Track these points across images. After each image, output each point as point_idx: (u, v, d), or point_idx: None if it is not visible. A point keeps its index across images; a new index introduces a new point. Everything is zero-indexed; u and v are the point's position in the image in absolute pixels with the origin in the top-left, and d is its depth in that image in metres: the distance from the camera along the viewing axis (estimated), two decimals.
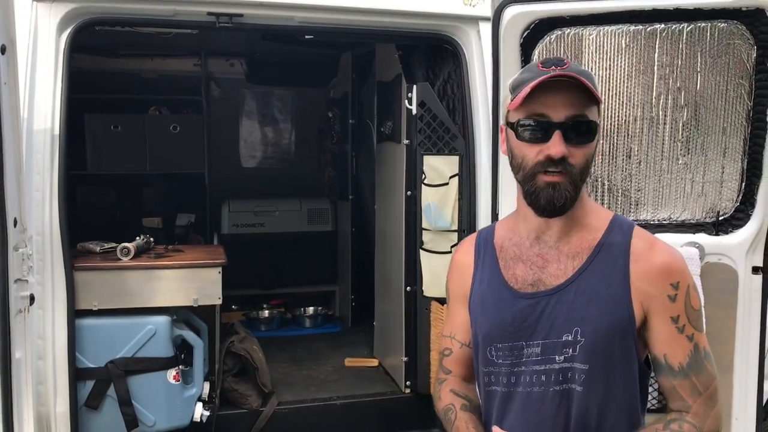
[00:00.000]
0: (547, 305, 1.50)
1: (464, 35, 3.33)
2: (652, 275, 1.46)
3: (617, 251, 1.48)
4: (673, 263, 1.47)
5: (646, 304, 1.46)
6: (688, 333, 1.45)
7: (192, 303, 3.18)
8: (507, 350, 1.53)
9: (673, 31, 2.66)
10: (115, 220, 5.15)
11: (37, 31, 2.90)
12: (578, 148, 1.42)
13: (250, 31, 3.30)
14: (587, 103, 1.43)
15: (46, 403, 2.88)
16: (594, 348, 1.46)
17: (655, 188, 2.87)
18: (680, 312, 1.45)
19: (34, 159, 2.85)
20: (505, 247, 1.59)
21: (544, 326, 1.49)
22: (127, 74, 5.29)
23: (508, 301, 1.54)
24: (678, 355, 1.45)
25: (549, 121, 1.42)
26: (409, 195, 3.63)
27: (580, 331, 1.46)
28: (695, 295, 1.48)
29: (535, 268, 1.54)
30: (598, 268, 1.48)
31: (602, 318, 1.46)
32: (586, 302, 1.47)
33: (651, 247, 1.49)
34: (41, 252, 2.85)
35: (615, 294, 1.46)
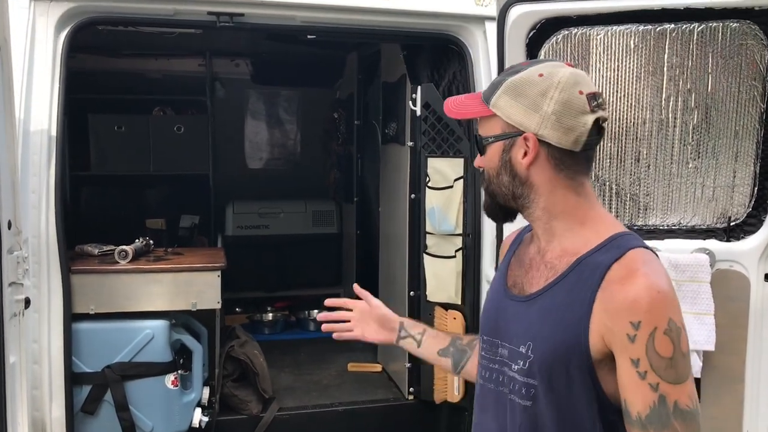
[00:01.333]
0: (517, 312, 1.46)
1: (470, 35, 3.27)
2: (613, 309, 1.30)
3: (592, 273, 1.35)
4: (639, 300, 1.27)
5: (608, 338, 1.32)
6: (652, 381, 1.28)
7: (190, 307, 3.13)
8: (489, 344, 1.53)
9: (684, 31, 2.59)
10: (119, 221, 5.10)
11: (35, 31, 2.86)
12: (482, 160, 1.50)
13: (251, 31, 3.25)
14: (481, 119, 1.47)
15: (42, 408, 2.84)
16: (540, 367, 1.38)
17: (665, 193, 2.80)
18: (640, 355, 1.28)
19: (31, 160, 2.80)
20: (523, 243, 1.58)
21: (512, 331, 1.46)
22: (131, 74, 5.25)
23: (499, 296, 1.54)
24: (637, 403, 1.29)
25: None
26: (413, 198, 3.57)
27: (532, 346, 1.40)
28: (664, 341, 1.27)
29: (522, 271, 1.51)
30: (568, 286, 1.39)
31: (553, 339, 1.37)
32: (543, 319, 1.40)
33: (627, 277, 1.31)
34: (37, 254, 2.81)
35: (574, 318, 1.35)
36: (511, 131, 1.41)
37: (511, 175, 1.43)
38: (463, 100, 1.52)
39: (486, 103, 1.43)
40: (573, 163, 1.40)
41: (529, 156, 1.40)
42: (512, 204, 1.47)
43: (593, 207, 1.47)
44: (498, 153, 1.43)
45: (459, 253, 3.34)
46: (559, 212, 1.43)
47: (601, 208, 1.49)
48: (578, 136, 1.37)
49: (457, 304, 3.36)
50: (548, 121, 1.37)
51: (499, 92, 1.41)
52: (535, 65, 1.42)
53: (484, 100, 1.44)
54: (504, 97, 1.41)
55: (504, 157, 1.43)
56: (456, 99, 1.53)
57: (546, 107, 1.37)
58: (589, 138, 1.38)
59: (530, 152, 1.39)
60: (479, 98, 1.46)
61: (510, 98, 1.40)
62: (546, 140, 1.38)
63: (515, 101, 1.40)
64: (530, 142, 1.39)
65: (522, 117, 1.39)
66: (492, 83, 1.46)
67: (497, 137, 1.43)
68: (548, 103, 1.37)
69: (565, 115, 1.36)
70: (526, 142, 1.39)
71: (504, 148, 1.42)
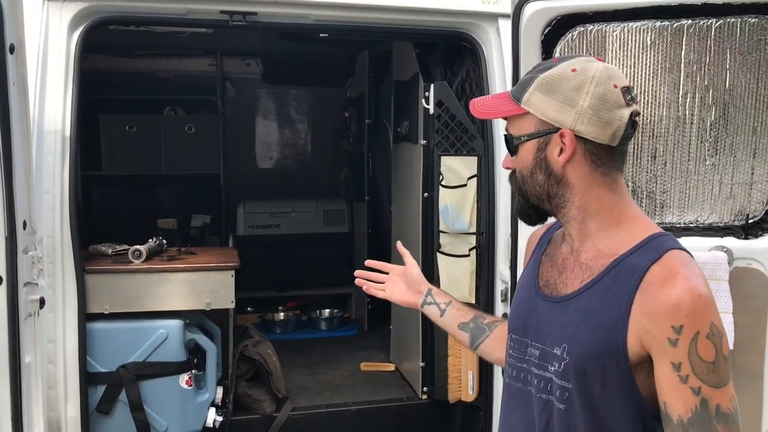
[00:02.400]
0: (551, 312, 1.44)
1: (483, 32, 3.25)
2: (653, 312, 1.28)
3: (630, 275, 1.33)
4: (681, 303, 1.25)
5: (647, 341, 1.30)
6: (694, 385, 1.26)
7: (204, 307, 3.13)
8: (517, 343, 1.52)
9: (701, 27, 2.56)
10: (130, 221, 5.09)
11: (48, 31, 2.86)
12: (513, 160, 1.47)
13: (264, 30, 3.23)
14: (511, 118, 1.45)
15: (57, 408, 2.84)
16: (576, 370, 1.36)
17: (682, 190, 2.77)
18: (683, 359, 1.26)
19: (45, 161, 2.80)
20: (553, 241, 1.56)
21: (545, 332, 1.45)
22: (142, 74, 5.27)
23: (530, 295, 1.52)
24: (678, 407, 1.27)
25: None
26: (426, 197, 3.55)
27: (567, 348, 1.38)
28: (707, 345, 1.25)
29: (555, 271, 1.49)
30: (605, 287, 1.37)
31: (589, 342, 1.35)
32: (580, 321, 1.38)
33: (667, 279, 1.28)
34: (52, 255, 2.81)
35: (611, 321, 1.33)
36: (546, 128, 1.38)
37: (546, 174, 1.40)
38: (489, 100, 1.50)
39: (516, 101, 1.40)
40: (609, 159, 1.39)
41: (566, 153, 1.37)
42: (546, 205, 1.44)
43: (628, 206, 1.44)
44: (532, 152, 1.40)
45: (473, 251, 3.33)
46: (595, 211, 1.41)
47: (636, 208, 1.47)
48: (615, 131, 1.36)
49: (471, 303, 3.34)
50: (585, 116, 1.35)
51: (531, 89, 1.38)
52: (567, 61, 1.40)
53: (514, 99, 1.41)
54: (537, 94, 1.38)
55: (539, 155, 1.39)
56: (482, 99, 1.50)
57: (582, 102, 1.34)
58: (625, 132, 1.37)
59: (567, 149, 1.37)
60: (507, 97, 1.43)
61: (543, 95, 1.37)
62: (583, 136, 1.36)
63: (549, 97, 1.37)
64: (567, 139, 1.36)
65: (557, 113, 1.36)
66: (521, 81, 1.43)
67: (531, 135, 1.40)
68: (584, 97, 1.34)
69: (601, 109, 1.35)
70: (562, 138, 1.37)
71: (539, 146, 1.39)
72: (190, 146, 5.27)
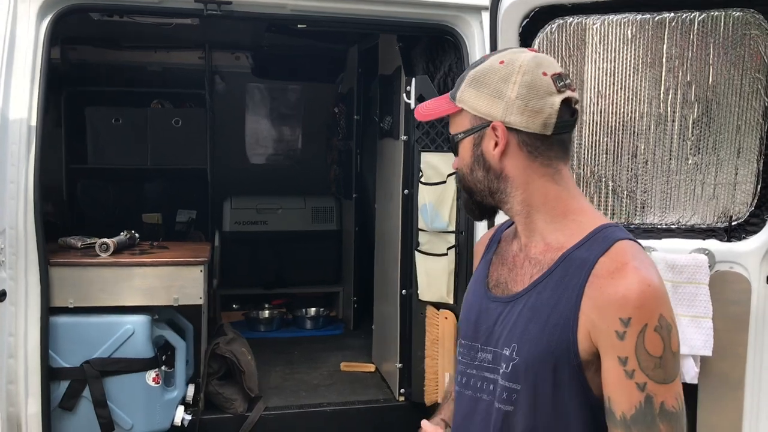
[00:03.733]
0: (502, 312, 1.38)
1: (466, 26, 3.17)
2: (601, 304, 1.23)
3: (579, 268, 1.28)
4: (629, 295, 1.20)
5: (595, 336, 1.24)
6: (639, 380, 1.21)
7: (172, 302, 3.06)
8: (467, 349, 1.45)
9: (684, 21, 2.47)
10: (115, 215, 5.05)
11: (16, 18, 2.79)
12: (456, 160, 1.45)
13: (239, 20, 3.15)
14: (452, 118, 1.42)
15: (17, 404, 2.77)
16: (525, 370, 1.30)
17: (663, 190, 2.67)
18: (629, 354, 1.21)
19: (9, 150, 2.73)
20: (503, 240, 1.50)
21: (496, 334, 1.38)
22: (130, 67, 5.19)
23: (479, 298, 1.46)
24: (622, 403, 1.22)
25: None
26: (406, 194, 3.47)
27: (517, 348, 1.31)
28: (655, 339, 1.21)
29: (505, 269, 1.44)
30: (554, 283, 1.31)
31: (539, 340, 1.29)
32: (529, 319, 1.31)
33: (615, 270, 1.24)
34: (14, 246, 2.74)
35: (561, 317, 1.27)
36: (479, 123, 1.36)
37: (485, 169, 1.37)
38: (431, 102, 1.47)
39: (453, 100, 1.40)
40: (546, 149, 1.34)
41: (500, 146, 1.34)
42: (490, 200, 1.41)
43: (574, 197, 1.39)
44: (469, 148, 1.38)
45: (451, 251, 3.24)
46: (540, 204, 1.36)
47: (583, 199, 1.41)
48: (546, 119, 1.31)
49: (449, 304, 3.26)
50: (513, 106, 1.32)
51: (463, 86, 1.38)
52: (497, 54, 1.38)
53: (451, 98, 1.41)
54: (468, 90, 1.37)
55: (475, 151, 1.38)
56: (426, 103, 1.48)
57: (509, 92, 1.32)
58: (559, 120, 1.31)
59: (500, 141, 1.33)
60: (447, 98, 1.42)
61: (473, 89, 1.36)
62: (514, 127, 1.32)
63: (478, 91, 1.35)
64: (499, 131, 1.33)
65: (487, 106, 1.34)
66: (458, 80, 1.42)
67: (467, 132, 1.38)
68: (511, 87, 1.32)
69: (530, 98, 1.31)
70: (494, 131, 1.34)
71: (474, 142, 1.37)
72: (177, 140, 5.19)
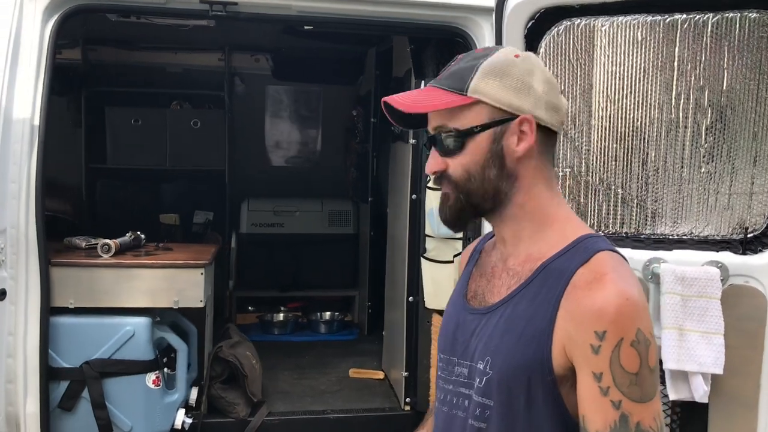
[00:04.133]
0: (479, 325, 1.30)
1: (477, 27, 3.09)
2: (576, 316, 1.16)
3: (557, 280, 1.21)
4: (606, 307, 1.14)
5: (570, 350, 1.18)
6: (614, 398, 1.14)
7: (173, 305, 3.03)
8: (445, 363, 1.37)
9: (696, 23, 2.36)
10: (133, 215, 5.07)
11: (22, 18, 2.79)
12: (452, 158, 1.28)
13: (246, 21, 3.12)
14: (451, 112, 1.27)
15: (15, 403, 2.77)
16: (499, 385, 1.23)
17: (675, 199, 2.56)
18: (603, 369, 1.14)
19: (12, 149, 2.73)
20: (484, 251, 1.43)
21: (472, 347, 1.30)
22: (150, 68, 5.23)
23: (457, 310, 1.38)
24: (596, 422, 1.15)
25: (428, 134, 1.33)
26: (414, 198, 3.40)
27: (491, 362, 1.24)
28: (631, 354, 1.14)
29: (484, 281, 1.36)
30: (531, 294, 1.23)
31: (513, 353, 1.21)
32: (504, 331, 1.24)
33: (593, 281, 1.17)
34: (15, 245, 2.74)
35: (536, 329, 1.20)
36: (501, 116, 1.24)
37: (499, 168, 1.26)
38: (416, 94, 1.31)
39: (457, 91, 1.25)
40: (552, 149, 1.31)
41: (527, 141, 1.25)
42: (487, 204, 1.28)
43: (561, 205, 1.33)
44: (486, 144, 1.25)
45: (458, 258, 3.16)
46: (533, 210, 1.29)
47: (567, 207, 1.34)
48: (562, 117, 1.30)
49: None
50: (541, 100, 1.26)
51: (478, 76, 1.24)
52: (498, 49, 1.29)
53: (451, 89, 1.26)
54: (487, 80, 1.24)
55: (494, 147, 1.25)
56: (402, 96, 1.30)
57: (537, 86, 1.25)
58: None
59: (529, 137, 1.24)
60: (438, 90, 1.27)
61: (495, 80, 1.24)
62: (541, 122, 1.26)
63: (500, 83, 1.24)
64: (528, 126, 1.24)
65: (515, 98, 1.24)
66: (452, 73, 1.28)
67: (485, 126, 1.25)
68: (537, 82, 1.25)
69: (551, 94, 1.27)
70: (521, 126, 1.24)
71: (494, 136, 1.25)
72: (195, 141, 5.22)
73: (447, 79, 1.28)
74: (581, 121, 2.58)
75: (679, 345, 2.44)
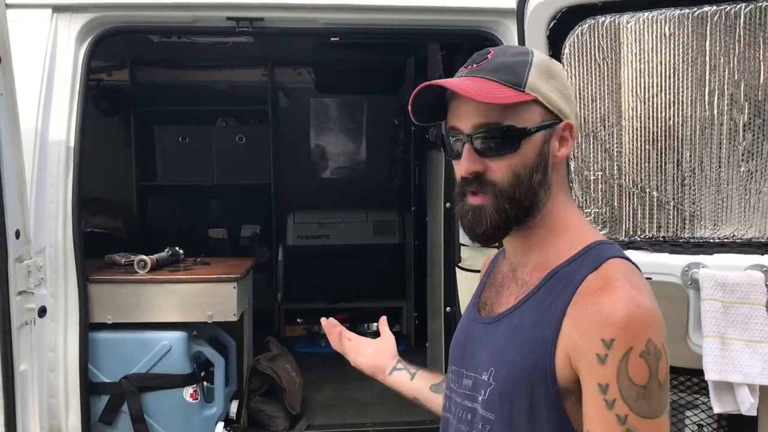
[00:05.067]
0: (485, 335, 1.26)
1: (506, 30, 3.02)
2: (583, 323, 1.11)
3: (565, 286, 1.16)
4: (614, 314, 1.07)
5: (575, 359, 1.11)
6: (620, 412, 1.07)
7: (207, 319, 3.07)
8: (455, 375, 1.33)
9: (728, 14, 2.23)
10: (183, 230, 5.19)
11: (56, 42, 2.89)
12: (498, 160, 1.18)
13: (272, 36, 3.15)
14: (507, 106, 1.16)
15: (58, 417, 2.85)
16: (500, 396, 1.17)
17: (714, 201, 2.43)
18: (610, 380, 1.08)
19: (48, 171, 2.82)
20: (498, 262, 1.39)
21: (477, 358, 1.26)
22: (196, 86, 5.36)
23: (469, 321, 1.34)
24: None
25: (458, 133, 1.20)
26: (448, 207, 3.35)
27: (494, 372, 1.19)
28: (640, 365, 1.07)
29: (493, 291, 1.32)
30: (538, 302, 1.18)
31: (516, 362, 1.16)
32: (509, 341, 1.19)
33: (602, 288, 1.11)
34: (54, 264, 2.83)
35: (540, 338, 1.14)
36: (550, 119, 1.20)
37: (542, 173, 1.20)
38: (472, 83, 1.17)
39: (515, 86, 1.17)
40: None
41: (568, 147, 1.22)
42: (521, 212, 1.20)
43: (575, 212, 1.30)
44: (537, 146, 1.19)
45: None
46: (551, 219, 1.24)
47: (580, 214, 1.31)
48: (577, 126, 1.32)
49: None
50: (575, 107, 1.27)
51: (533, 73, 1.18)
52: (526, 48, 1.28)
53: (508, 84, 1.17)
54: (540, 81, 1.18)
55: (543, 149, 1.19)
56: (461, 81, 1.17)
57: (571, 93, 1.24)
58: None
59: (569, 143, 1.21)
60: (494, 83, 1.16)
61: (546, 81, 1.19)
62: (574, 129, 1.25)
63: (550, 84, 1.20)
64: (569, 131, 1.22)
65: (561, 101, 1.21)
66: (501, 66, 1.18)
67: (540, 127, 1.18)
68: (570, 87, 1.25)
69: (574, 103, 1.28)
70: (563, 131, 1.21)
71: (545, 139, 1.19)
72: (241, 157, 5.31)
73: (496, 72, 1.17)
74: (611, 123, 2.48)
75: (722, 354, 2.31)
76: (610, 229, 2.50)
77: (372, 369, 1.70)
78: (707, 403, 2.30)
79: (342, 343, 1.75)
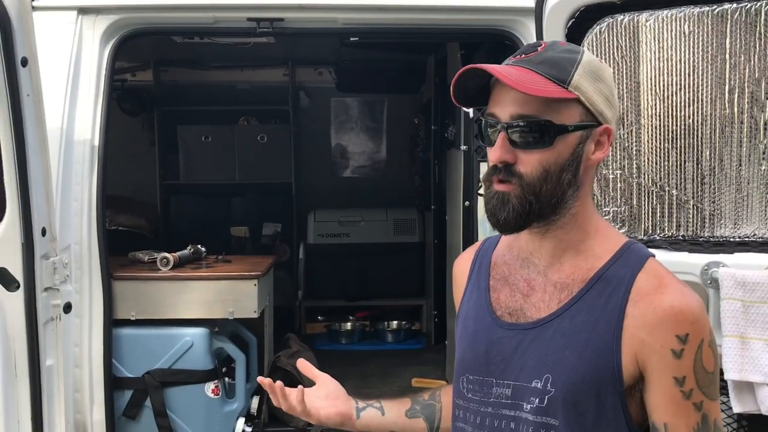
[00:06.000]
0: (523, 341, 1.24)
1: (524, 29, 3.02)
2: (653, 322, 1.15)
3: (616, 288, 1.19)
4: (683, 308, 1.15)
5: (643, 357, 1.16)
6: (696, 400, 1.15)
7: (228, 316, 3.11)
8: (477, 384, 1.30)
9: (748, 11, 2.22)
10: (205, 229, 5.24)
11: (81, 43, 2.94)
12: (530, 153, 1.18)
13: (293, 36, 3.19)
14: (549, 100, 1.17)
15: (83, 411, 2.90)
16: (564, 402, 1.18)
17: (734, 199, 2.41)
18: (687, 373, 1.14)
19: (74, 169, 2.88)
20: (497, 264, 1.35)
21: (517, 365, 1.24)
22: (219, 85, 5.42)
23: (486, 327, 1.30)
24: (680, 427, 1.15)
25: (496, 120, 1.21)
26: (467, 206, 3.36)
27: (551, 379, 1.19)
28: (710, 354, 1.16)
29: (519, 295, 1.29)
30: (588, 305, 1.19)
31: (579, 368, 1.17)
32: (564, 346, 1.19)
33: (659, 286, 1.17)
34: (79, 261, 2.88)
35: (601, 340, 1.16)
36: (590, 120, 1.20)
37: (573, 174, 1.20)
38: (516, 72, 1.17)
39: (558, 82, 1.17)
40: None
41: (604, 152, 1.22)
42: (548, 210, 1.21)
43: (597, 215, 1.31)
44: (572, 146, 1.19)
45: None
46: (581, 220, 1.25)
47: (601, 217, 1.34)
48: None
49: None
50: (617, 114, 1.25)
51: (579, 72, 1.18)
52: (576, 47, 1.26)
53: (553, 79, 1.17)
54: (586, 80, 1.18)
55: (577, 149, 1.20)
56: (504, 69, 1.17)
57: (616, 98, 1.25)
58: None
59: (605, 148, 1.22)
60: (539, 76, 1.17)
61: (591, 83, 1.19)
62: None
63: (596, 86, 1.19)
64: (606, 136, 1.21)
65: (603, 105, 1.20)
66: (549, 60, 1.18)
67: (578, 126, 1.19)
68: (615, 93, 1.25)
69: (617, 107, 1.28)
70: (601, 135, 1.21)
71: (581, 139, 1.20)
72: (263, 156, 5.36)
73: (543, 66, 1.18)
74: (630, 121, 2.48)
75: (742, 354, 2.30)
76: (629, 227, 2.50)
77: (341, 418, 1.53)
78: (727, 403, 2.29)
79: (298, 403, 1.50)
